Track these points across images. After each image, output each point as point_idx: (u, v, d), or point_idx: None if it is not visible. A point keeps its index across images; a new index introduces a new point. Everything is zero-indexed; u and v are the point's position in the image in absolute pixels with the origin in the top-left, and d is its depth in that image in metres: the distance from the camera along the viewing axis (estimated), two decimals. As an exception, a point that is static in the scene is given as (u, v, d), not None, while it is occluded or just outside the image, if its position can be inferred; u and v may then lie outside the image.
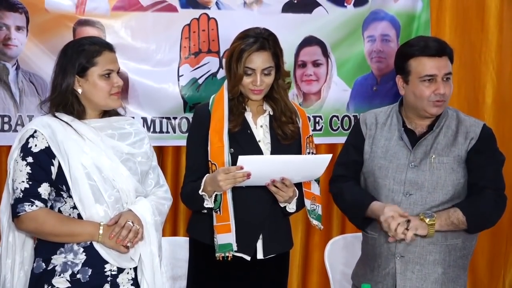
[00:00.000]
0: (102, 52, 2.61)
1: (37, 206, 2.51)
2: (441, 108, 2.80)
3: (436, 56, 2.77)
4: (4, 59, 3.58)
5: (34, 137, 2.55)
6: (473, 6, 4.22)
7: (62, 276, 2.54)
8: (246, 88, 2.86)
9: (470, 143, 2.79)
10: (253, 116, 2.92)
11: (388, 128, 2.90)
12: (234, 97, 2.89)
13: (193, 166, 2.90)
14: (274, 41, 2.89)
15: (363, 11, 4.05)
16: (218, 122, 2.85)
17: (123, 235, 2.52)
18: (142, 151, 2.69)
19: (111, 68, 2.62)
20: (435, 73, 2.76)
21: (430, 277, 2.78)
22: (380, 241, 2.84)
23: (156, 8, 3.75)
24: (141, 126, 2.89)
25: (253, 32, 2.87)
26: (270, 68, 2.84)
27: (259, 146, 2.87)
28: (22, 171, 2.52)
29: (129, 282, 2.62)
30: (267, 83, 2.86)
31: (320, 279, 4.11)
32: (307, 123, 2.99)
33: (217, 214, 2.79)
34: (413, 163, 2.80)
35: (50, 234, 2.53)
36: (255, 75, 2.82)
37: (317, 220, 2.92)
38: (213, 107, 2.89)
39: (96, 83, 2.59)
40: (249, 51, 2.82)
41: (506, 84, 4.28)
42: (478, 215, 2.73)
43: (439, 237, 2.76)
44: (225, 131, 2.83)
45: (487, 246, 4.22)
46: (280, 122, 2.90)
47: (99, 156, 2.58)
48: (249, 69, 2.83)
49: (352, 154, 2.95)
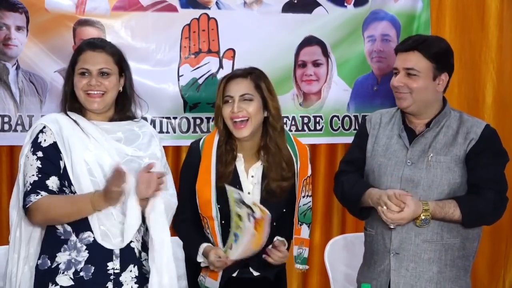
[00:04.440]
0: (84, 51, 2.66)
1: (41, 196, 2.54)
2: (404, 101, 2.80)
3: (403, 51, 2.81)
4: (4, 59, 3.58)
5: (43, 132, 2.61)
6: (473, 6, 4.23)
7: (66, 273, 2.56)
8: (228, 122, 2.74)
9: (470, 144, 2.79)
10: (245, 163, 2.80)
11: (391, 127, 2.92)
12: (223, 143, 2.77)
13: (183, 203, 2.79)
14: (259, 75, 2.79)
15: (363, 11, 4.05)
16: (206, 173, 2.75)
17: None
18: (149, 152, 2.69)
19: (87, 67, 2.64)
20: (397, 66, 2.82)
21: (424, 275, 2.79)
22: (377, 238, 2.86)
23: (156, 8, 3.75)
24: (152, 127, 2.87)
25: (236, 69, 2.84)
26: (250, 95, 2.73)
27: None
28: (33, 165, 2.57)
29: (133, 280, 2.62)
30: (250, 112, 2.72)
31: (320, 279, 4.11)
32: (306, 164, 2.86)
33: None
34: (410, 160, 2.81)
35: (60, 216, 2.56)
36: (233, 102, 2.72)
37: (301, 264, 2.90)
38: (203, 151, 2.79)
39: (75, 79, 2.65)
40: (227, 78, 2.76)
41: (506, 84, 4.28)
42: (474, 212, 2.73)
43: (434, 235, 2.77)
44: (212, 184, 2.74)
45: (487, 246, 4.22)
46: (269, 179, 2.78)
47: (102, 154, 2.61)
48: (228, 97, 2.74)
49: (356, 152, 2.97)
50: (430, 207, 2.69)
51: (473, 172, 2.77)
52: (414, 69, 2.78)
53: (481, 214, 2.75)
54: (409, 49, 2.80)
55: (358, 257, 3.06)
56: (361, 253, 3.04)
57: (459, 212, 2.70)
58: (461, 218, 2.71)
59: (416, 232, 2.77)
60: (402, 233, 2.79)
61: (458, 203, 2.71)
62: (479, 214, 2.75)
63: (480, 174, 2.75)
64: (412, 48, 2.79)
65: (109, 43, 2.74)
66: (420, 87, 2.78)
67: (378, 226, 2.83)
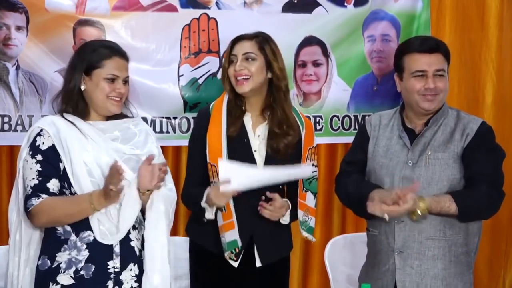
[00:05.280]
0: (112, 56, 2.67)
1: (43, 198, 2.55)
2: (433, 103, 2.82)
3: (427, 53, 2.81)
4: (4, 59, 3.58)
5: (41, 135, 2.62)
6: (473, 6, 4.23)
7: (66, 272, 2.57)
8: (232, 80, 2.87)
9: (466, 139, 2.81)
10: (252, 125, 2.91)
11: (391, 128, 2.93)
12: (232, 100, 2.88)
13: (193, 170, 2.91)
14: (265, 38, 2.90)
15: (363, 11, 4.04)
16: (217, 125, 2.85)
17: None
18: (145, 150, 2.71)
19: (117, 74, 2.67)
20: (426, 68, 2.80)
21: (429, 272, 2.80)
22: (380, 238, 2.87)
23: (156, 8, 3.74)
24: (147, 125, 2.91)
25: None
26: (253, 54, 2.85)
27: (254, 156, 2.86)
28: (33, 169, 2.58)
29: (133, 279, 2.64)
30: (251, 71, 2.84)
31: (320, 279, 4.11)
32: (311, 134, 2.97)
33: (223, 213, 2.80)
34: (411, 161, 2.82)
35: (63, 216, 2.57)
36: (237, 61, 2.84)
37: (307, 232, 2.92)
38: (213, 110, 2.90)
39: (99, 83, 2.65)
40: (234, 40, 2.88)
41: (506, 84, 4.28)
42: (470, 206, 2.74)
43: (437, 232, 2.78)
44: (223, 134, 2.83)
45: (487, 246, 4.21)
46: (274, 134, 2.87)
47: (100, 154, 2.62)
48: (233, 56, 2.86)
49: (357, 153, 2.99)
50: (425, 202, 2.70)
51: (469, 167, 2.79)
52: (443, 70, 2.82)
53: (477, 207, 2.76)
54: (434, 50, 2.82)
55: (358, 257, 3.07)
56: (361, 253, 3.04)
57: (455, 206, 2.71)
58: (457, 212, 2.72)
59: (419, 229, 2.78)
60: (405, 231, 2.80)
61: (454, 197, 2.73)
62: (474, 207, 2.76)
63: (475, 168, 2.77)
64: (436, 50, 2.82)
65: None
66: (446, 87, 2.84)
67: (381, 226, 2.84)
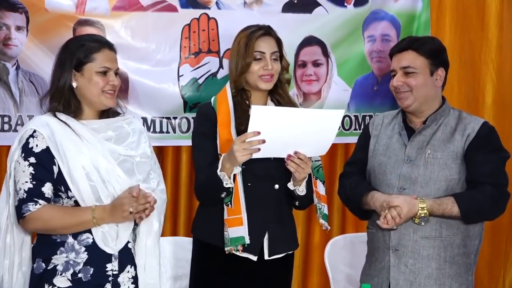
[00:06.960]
0: (101, 49, 2.62)
1: (40, 205, 2.51)
2: (407, 100, 2.85)
3: (398, 52, 2.87)
4: (4, 59, 3.57)
5: (34, 137, 2.55)
6: (473, 6, 4.22)
7: (64, 275, 2.54)
8: (255, 76, 2.85)
9: (467, 140, 2.81)
10: None
11: (392, 127, 2.96)
12: (237, 94, 2.88)
13: (204, 162, 2.85)
14: (275, 32, 2.93)
15: (363, 11, 4.04)
16: (225, 116, 2.84)
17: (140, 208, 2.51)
18: (140, 152, 2.68)
19: (108, 66, 2.62)
20: (394, 67, 2.88)
21: (423, 272, 2.80)
22: (378, 235, 2.88)
23: (156, 8, 3.74)
24: (140, 124, 2.87)
25: (255, 25, 2.92)
26: (277, 53, 2.87)
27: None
28: (25, 172, 2.52)
29: (130, 280, 2.63)
30: (276, 70, 2.87)
31: (320, 279, 4.11)
32: None
33: (228, 208, 2.78)
34: (408, 158, 2.83)
35: (60, 228, 2.54)
36: (265, 59, 2.84)
37: (323, 219, 2.91)
38: (217, 104, 2.89)
39: (91, 78, 2.60)
40: (257, 36, 2.86)
41: (506, 84, 4.28)
42: (473, 207, 2.74)
43: (432, 231, 2.78)
44: (232, 125, 2.82)
45: (487, 246, 4.21)
46: None
47: (96, 156, 2.58)
48: (259, 53, 2.85)
49: (359, 153, 3.02)
50: (426, 205, 2.70)
51: (471, 168, 2.79)
52: (411, 67, 2.83)
53: (480, 208, 2.76)
54: (403, 49, 2.86)
55: (358, 257, 3.07)
56: (361, 253, 3.05)
57: (457, 208, 2.72)
58: (460, 214, 2.72)
59: (415, 228, 2.79)
60: (400, 229, 2.81)
61: (456, 199, 2.73)
62: (477, 208, 2.76)
63: (478, 169, 2.77)
64: (406, 48, 2.85)
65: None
66: (419, 83, 2.82)
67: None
